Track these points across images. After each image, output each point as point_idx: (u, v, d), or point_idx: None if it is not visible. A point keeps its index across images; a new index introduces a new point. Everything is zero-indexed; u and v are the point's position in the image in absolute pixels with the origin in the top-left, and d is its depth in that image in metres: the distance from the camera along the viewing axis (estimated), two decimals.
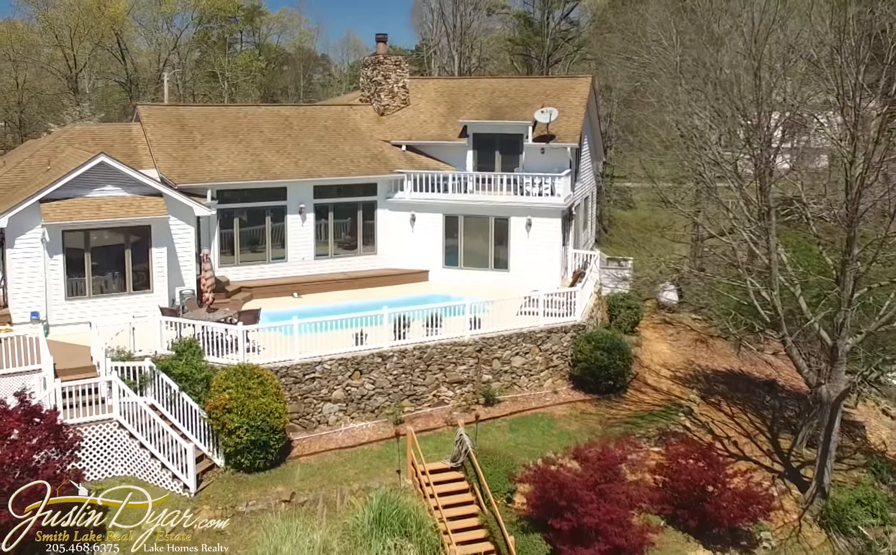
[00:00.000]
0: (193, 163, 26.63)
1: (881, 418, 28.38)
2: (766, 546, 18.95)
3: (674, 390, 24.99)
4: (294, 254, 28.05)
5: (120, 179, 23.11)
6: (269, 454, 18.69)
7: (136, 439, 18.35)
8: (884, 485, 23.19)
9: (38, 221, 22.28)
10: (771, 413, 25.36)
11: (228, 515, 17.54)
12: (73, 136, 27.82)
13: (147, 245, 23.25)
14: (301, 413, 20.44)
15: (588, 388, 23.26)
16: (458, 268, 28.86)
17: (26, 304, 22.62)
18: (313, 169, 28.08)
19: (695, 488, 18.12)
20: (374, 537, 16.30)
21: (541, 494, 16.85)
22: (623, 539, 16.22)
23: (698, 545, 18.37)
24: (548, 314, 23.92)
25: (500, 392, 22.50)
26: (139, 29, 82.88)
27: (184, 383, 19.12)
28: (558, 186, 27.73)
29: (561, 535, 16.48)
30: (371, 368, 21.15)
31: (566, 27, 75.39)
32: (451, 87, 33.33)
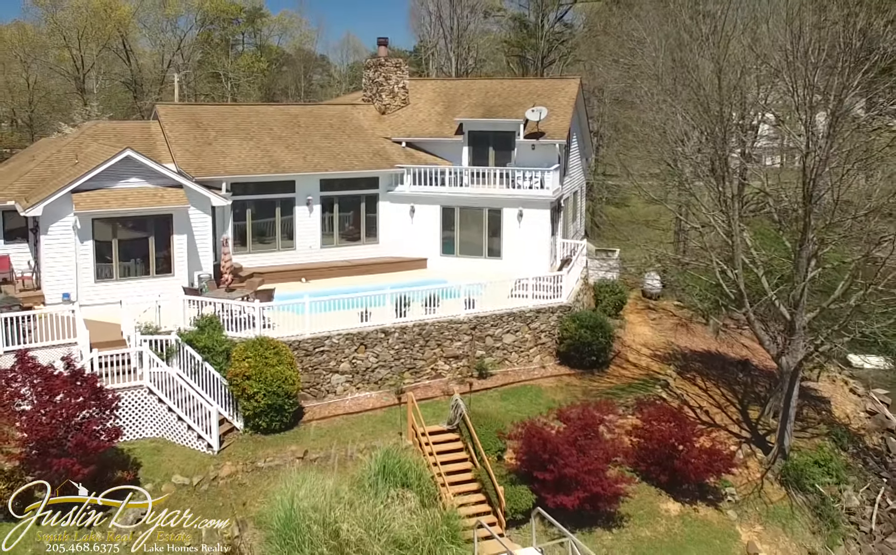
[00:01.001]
0: (208, 158, 28.70)
1: (847, 394, 30.54)
2: (731, 500, 21.10)
3: (652, 367, 27.13)
4: (302, 243, 30.14)
5: (144, 171, 25.20)
6: (283, 417, 20.81)
7: (164, 403, 20.44)
8: (844, 452, 25.38)
9: (69, 210, 24.35)
10: (742, 388, 27.50)
11: (249, 469, 19.69)
12: (96, 132, 29.87)
13: (168, 233, 25.34)
14: (311, 383, 22.53)
15: (573, 363, 25.39)
16: (454, 256, 30.94)
17: (58, 286, 24.70)
18: (320, 164, 30.16)
19: (665, 446, 20.25)
20: (380, 486, 18.36)
21: (527, 448, 18.97)
22: (599, 488, 18.35)
23: (669, 498, 20.51)
24: (536, 296, 26.06)
25: (492, 366, 24.63)
26: (143, 30, 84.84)
27: (206, 355, 21.20)
28: (547, 180, 29.83)
29: (545, 485, 18.58)
30: (375, 342, 23.27)
31: (560, 30, 77.60)
32: (448, 88, 35.45)
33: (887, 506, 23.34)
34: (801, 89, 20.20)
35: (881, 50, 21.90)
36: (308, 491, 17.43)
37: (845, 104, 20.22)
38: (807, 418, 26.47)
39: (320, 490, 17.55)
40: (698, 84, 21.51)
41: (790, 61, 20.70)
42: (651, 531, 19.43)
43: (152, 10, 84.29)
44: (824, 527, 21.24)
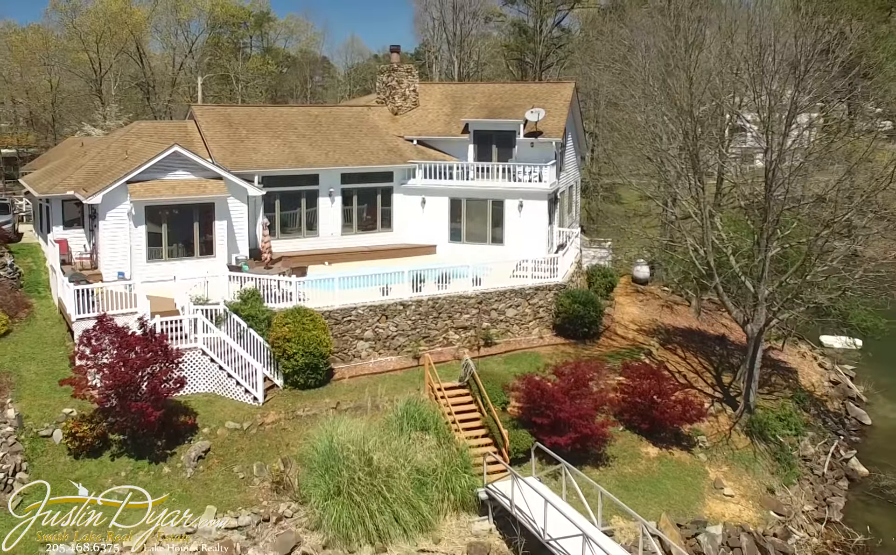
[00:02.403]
0: (241, 153, 32.07)
1: (814, 367, 34.04)
2: (702, 446, 24.49)
3: (638, 339, 30.55)
4: (324, 230, 33.52)
5: (189, 165, 28.54)
6: (318, 375, 24.20)
7: (215, 362, 23.82)
8: (805, 413, 28.81)
9: (125, 198, 27.67)
10: (718, 359, 30.91)
11: (290, 417, 23.07)
12: (140, 131, 33.23)
13: (210, 219, 28.68)
14: (340, 348, 25.91)
15: (567, 334, 28.79)
16: (461, 243, 34.30)
17: (114, 265, 28.00)
18: (340, 159, 33.55)
19: (646, 399, 23.65)
20: (403, 428, 21.76)
21: (528, 398, 22.37)
22: (588, 430, 21.75)
23: (649, 443, 23.90)
24: (535, 276, 29.48)
25: (496, 336, 28.03)
26: (155, 34, 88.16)
27: (249, 322, 24.57)
28: (545, 174, 33.22)
29: (542, 428, 21.94)
30: (394, 314, 26.67)
31: (558, 34, 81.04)
32: (455, 91, 38.86)
33: (840, 456, 26.76)
34: (763, 95, 23.61)
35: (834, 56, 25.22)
36: (345, 430, 20.84)
37: (799, 108, 23.59)
38: (775, 385, 29.90)
39: (354, 430, 20.96)
40: (674, 90, 24.92)
41: (751, 72, 24.09)
42: (633, 469, 22.82)
43: (164, 15, 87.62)
44: (782, 469, 24.66)
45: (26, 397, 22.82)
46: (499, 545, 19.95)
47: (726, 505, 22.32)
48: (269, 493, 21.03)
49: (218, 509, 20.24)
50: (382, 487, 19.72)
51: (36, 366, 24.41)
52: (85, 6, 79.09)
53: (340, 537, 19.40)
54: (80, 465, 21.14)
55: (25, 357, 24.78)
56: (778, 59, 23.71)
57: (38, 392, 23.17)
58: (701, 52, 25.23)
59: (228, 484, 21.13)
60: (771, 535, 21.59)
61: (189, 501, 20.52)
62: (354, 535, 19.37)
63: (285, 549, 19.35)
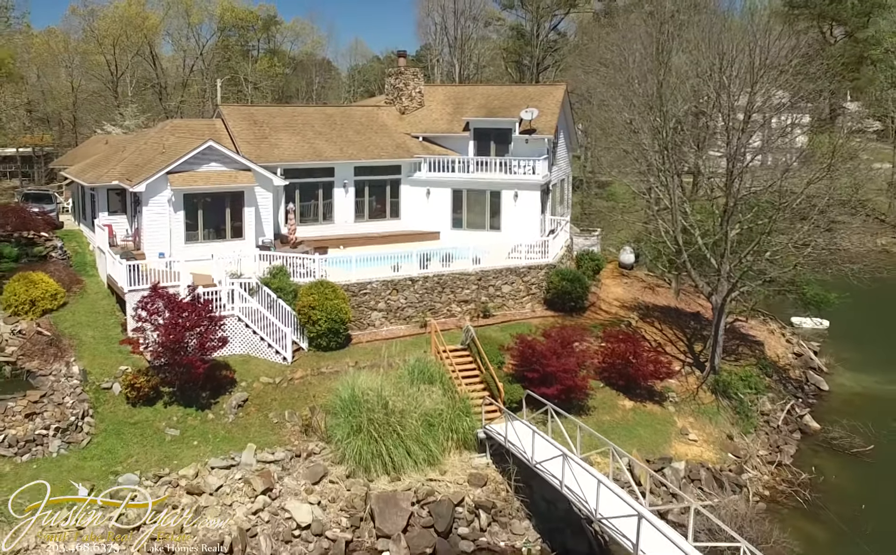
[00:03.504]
0: (265, 148, 35.71)
1: (780, 341, 37.71)
2: (671, 401, 28.17)
3: (620, 313, 34.22)
4: (339, 218, 37.16)
5: (221, 158, 32.17)
6: (339, 339, 27.89)
7: (249, 327, 27.51)
8: (768, 377, 32.47)
9: (165, 187, 31.31)
10: (691, 331, 34.56)
11: (315, 373, 26.74)
12: (174, 128, 36.87)
13: (241, 205, 32.32)
14: (356, 318, 29.57)
15: (556, 308, 32.46)
16: (462, 230, 37.88)
17: (155, 247, 31.58)
18: (353, 154, 37.21)
19: (622, 358, 27.32)
20: (412, 382, 25.41)
21: (520, 355, 26.05)
22: (572, 382, 25.42)
23: (625, 397, 27.59)
24: (528, 257, 33.14)
25: (493, 309, 31.70)
26: (167, 38, 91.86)
27: (278, 294, 28.25)
28: (538, 168, 36.86)
29: (532, 381, 25.57)
30: (404, 288, 30.35)
31: (555, 38, 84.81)
32: (456, 92, 42.54)
33: (796, 413, 30.43)
34: (724, 98, 27.28)
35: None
36: (364, 381, 24.52)
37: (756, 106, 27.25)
38: (742, 354, 33.58)
39: (372, 381, 24.63)
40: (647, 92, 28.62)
41: (715, 77, 27.77)
42: (610, 417, 26.48)
43: (175, 18, 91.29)
44: (741, 421, 28.32)
45: (87, 357, 26.50)
46: (494, 475, 23.62)
47: (690, 447, 26.00)
48: (299, 435, 24.72)
49: (257, 447, 23.94)
50: (397, 426, 23.40)
51: (92, 331, 28.09)
52: (101, 11, 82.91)
53: (361, 468, 23.07)
54: (137, 412, 24.84)
55: (82, 324, 28.46)
56: (737, 67, 27.33)
57: (96, 353, 26.85)
58: (672, 57, 28.81)
59: (264, 428, 24.82)
60: (727, 470, 25.26)
61: (231, 441, 24.23)
62: (373, 466, 23.04)
63: (315, 477, 23.00)
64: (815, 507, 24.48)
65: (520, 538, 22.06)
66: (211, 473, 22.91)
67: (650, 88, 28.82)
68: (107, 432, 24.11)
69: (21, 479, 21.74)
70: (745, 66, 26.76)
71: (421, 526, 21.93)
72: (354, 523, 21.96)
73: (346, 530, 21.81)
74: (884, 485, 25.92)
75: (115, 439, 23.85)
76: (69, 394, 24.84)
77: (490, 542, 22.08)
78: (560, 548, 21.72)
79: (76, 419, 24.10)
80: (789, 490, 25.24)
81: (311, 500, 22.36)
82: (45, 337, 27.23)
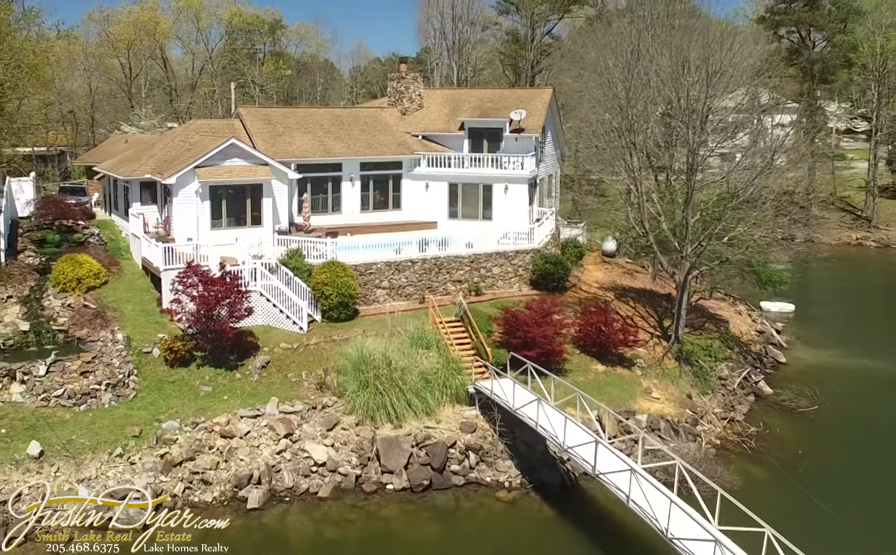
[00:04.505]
0: (280, 145, 39.65)
1: (746, 320, 41.67)
2: (639, 366, 32.13)
3: (598, 293, 38.17)
4: (346, 209, 41.13)
5: (242, 153, 36.14)
6: (348, 311, 31.88)
7: (270, 301, 31.49)
8: (729, 350, 36.42)
9: (193, 179, 35.27)
10: (662, 310, 38.48)
11: (328, 341, 30.74)
12: (197, 128, 40.83)
13: (260, 196, 36.29)
14: (363, 295, 33.54)
15: (541, 287, 36.41)
16: (457, 220, 41.83)
17: (184, 232, 35.55)
18: (359, 151, 41.18)
19: (595, 327, 31.29)
20: (412, 347, 29.36)
21: (506, 324, 30.02)
22: (550, 347, 29.38)
23: (597, 362, 31.55)
24: (516, 243, 37.12)
25: (484, 288, 35.69)
26: (177, 42, 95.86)
27: (295, 273, 32.22)
28: (526, 163, 40.82)
29: (516, 347, 29.48)
30: (405, 269, 34.34)
31: (549, 42, 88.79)
32: (453, 95, 46.53)
33: (751, 380, 34.39)
34: (683, 101, 31.24)
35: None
36: (371, 344, 28.50)
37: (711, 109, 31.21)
38: (707, 329, 37.54)
39: (378, 345, 28.61)
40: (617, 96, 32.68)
41: (676, 82, 31.75)
42: (584, 378, 30.41)
43: (185, 23, 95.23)
44: (700, 383, 32.28)
45: (128, 326, 30.50)
46: (482, 424, 27.58)
47: (653, 404, 29.95)
48: (315, 391, 28.70)
49: (279, 401, 27.91)
50: (399, 382, 27.36)
51: (132, 306, 32.09)
52: (116, 16, 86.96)
53: (368, 418, 27.04)
54: (174, 372, 28.83)
55: (122, 300, 32.46)
56: (697, 74, 31.26)
57: (136, 323, 30.86)
58: (640, 63, 32.84)
59: (284, 385, 28.80)
60: (684, 423, 29.21)
61: (256, 396, 28.21)
62: (378, 415, 27.00)
63: (329, 425, 26.99)
64: (758, 453, 28.43)
65: (503, 474, 26.02)
66: (240, 421, 26.89)
67: (621, 92, 32.83)
68: (149, 388, 28.09)
69: (80, 424, 25.79)
70: (702, 75, 30.64)
71: (419, 464, 25.89)
72: (363, 462, 25.94)
73: (356, 467, 25.78)
74: (820, 436, 29.91)
75: (157, 394, 27.83)
76: (116, 356, 28.82)
77: (478, 477, 26.03)
78: (537, 482, 25.67)
79: (123, 377, 28.10)
80: (738, 440, 29.20)
81: (326, 443, 26.37)
82: (91, 310, 31.26)
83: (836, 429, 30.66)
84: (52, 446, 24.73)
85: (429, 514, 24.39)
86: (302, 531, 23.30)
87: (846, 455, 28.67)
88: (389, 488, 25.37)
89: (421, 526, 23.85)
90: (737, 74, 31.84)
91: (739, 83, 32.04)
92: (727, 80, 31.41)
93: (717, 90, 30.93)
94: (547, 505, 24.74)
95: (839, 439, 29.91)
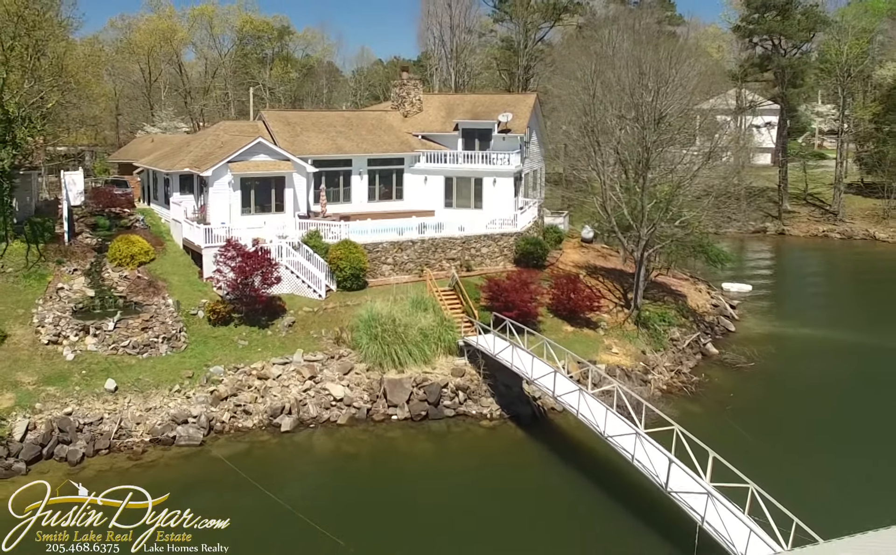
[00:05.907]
0: (298, 144, 45.81)
1: (704, 296, 47.81)
2: (603, 328, 38.27)
3: (572, 270, 44.33)
4: (355, 199, 47.29)
5: (267, 150, 42.32)
6: (359, 282, 38.09)
7: (294, 273, 37.68)
8: (684, 319, 42.57)
9: (226, 172, 41.43)
10: (628, 285, 44.58)
11: (342, 306, 36.92)
12: (226, 128, 47.00)
13: (283, 187, 42.47)
14: (371, 269, 39.71)
15: (522, 265, 42.53)
16: (452, 208, 47.93)
17: (217, 217, 41.69)
18: (367, 148, 47.34)
19: (565, 294, 37.43)
20: (413, 309, 35.52)
21: (490, 291, 36.20)
22: (526, 309, 35.51)
23: (567, 324, 37.71)
24: (502, 228, 43.30)
25: (474, 265, 41.88)
26: (191, 47, 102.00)
27: (314, 250, 38.39)
28: (512, 159, 46.97)
29: (498, 309, 35.52)
30: (406, 248, 40.54)
31: (541, 48, 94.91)
32: (449, 100, 52.71)
33: (701, 342, 40.51)
34: (640, 106, 37.39)
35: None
36: (378, 306, 34.70)
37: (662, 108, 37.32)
38: (666, 301, 43.68)
39: (385, 307, 34.81)
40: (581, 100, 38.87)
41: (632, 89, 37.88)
42: (555, 337, 36.43)
43: (199, 30, 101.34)
44: (654, 342, 38.42)
45: (176, 293, 36.67)
46: (470, 370, 33.72)
47: (612, 357, 36.09)
48: (333, 344, 34.85)
49: (303, 352, 34.07)
50: (402, 336, 33.50)
51: (177, 277, 38.28)
52: (136, 24, 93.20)
53: (377, 364, 33.20)
54: (216, 330, 34.99)
55: (169, 273, 38.65)
56: (652, 82, 37.37)
57: (182, 291, 37.04)
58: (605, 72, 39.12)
59: (307, 340, 34.94)
60: (636, 371, 35.36)
61: (284, 349, 34.35)
62: (385, 362, 33.15)
63: (345, 370, 33.16)
64: (697, 396, 34.56)
65: (485, 408, 32.17)
66: (273, 366, 33.05)
67: (584, 97, 39.10)
68: (196, 342, 34.24)
69: (144, 368, 31.97)
70: (655, 83, 36.76)
71: (418, 400, 32.04)
72: (372, 398, 32.10)
73: (367, 403, 31.94)
74: (750, 384, 36.04)
75: (203, 346, 33.99)
76: (168, 316, 35.00)
77: (465, 411, 32.18)
78: (513, 414, 31.82)
79: (175, 333, 34.27)
80: (682, 386, 35.34)
81: (343, 384, 32.53)
82: (144, 280, 37.46)
83: (766, 380, 36.78)
84: (124, 383, 30.92)
85: (425, 436, 30.54)
86: (325, 447, 29.51)
87: (770, 398, 34.77)
88: (394, 418, 31.52)
89: (419, 444, 30.00)
90: (684, 83, 37.91)
91: (687, 92, 38.09)
92: (674, 89, 37.48)
93: (667, 97, 37.06)
94: (520, 431, 30.90)
95: (766, 386, 36.03)
